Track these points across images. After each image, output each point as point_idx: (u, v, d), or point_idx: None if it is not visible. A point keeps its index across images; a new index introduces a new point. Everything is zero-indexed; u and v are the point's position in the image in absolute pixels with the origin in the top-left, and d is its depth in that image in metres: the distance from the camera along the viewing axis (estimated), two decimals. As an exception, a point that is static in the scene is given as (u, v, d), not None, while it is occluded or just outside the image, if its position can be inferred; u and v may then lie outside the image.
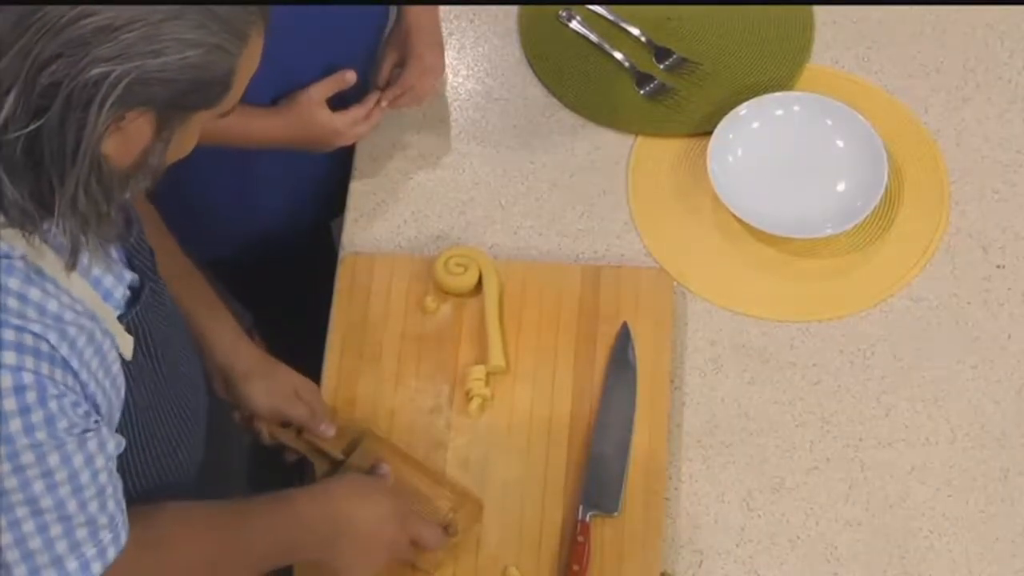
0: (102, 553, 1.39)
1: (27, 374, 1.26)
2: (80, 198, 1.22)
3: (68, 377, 1.31)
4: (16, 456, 1.27)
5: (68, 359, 1.30)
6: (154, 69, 1.19)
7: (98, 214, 1.25)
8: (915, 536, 1.81)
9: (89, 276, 1.37)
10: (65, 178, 1.21)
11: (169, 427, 1.56)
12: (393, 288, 1.97)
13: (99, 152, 1.21)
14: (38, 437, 1.28)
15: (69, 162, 1.20)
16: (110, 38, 1.17)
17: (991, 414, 1.88)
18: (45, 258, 1.30)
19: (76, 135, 1.19)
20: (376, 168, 2.11)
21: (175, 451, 1.58)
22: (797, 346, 1.94)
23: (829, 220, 2.00)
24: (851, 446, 1.87)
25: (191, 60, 1.21)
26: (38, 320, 1.28)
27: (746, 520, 1.82)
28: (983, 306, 1.96)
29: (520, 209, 2.07)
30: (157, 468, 1.56)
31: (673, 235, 2.04)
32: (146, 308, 1.47)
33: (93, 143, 1.20)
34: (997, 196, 2.05)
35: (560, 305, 1.95)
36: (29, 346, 1.27)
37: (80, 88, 1.17)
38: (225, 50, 1.24)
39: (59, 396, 1.29)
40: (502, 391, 1.89)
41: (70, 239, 1.26)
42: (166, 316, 1.53)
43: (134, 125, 1.23)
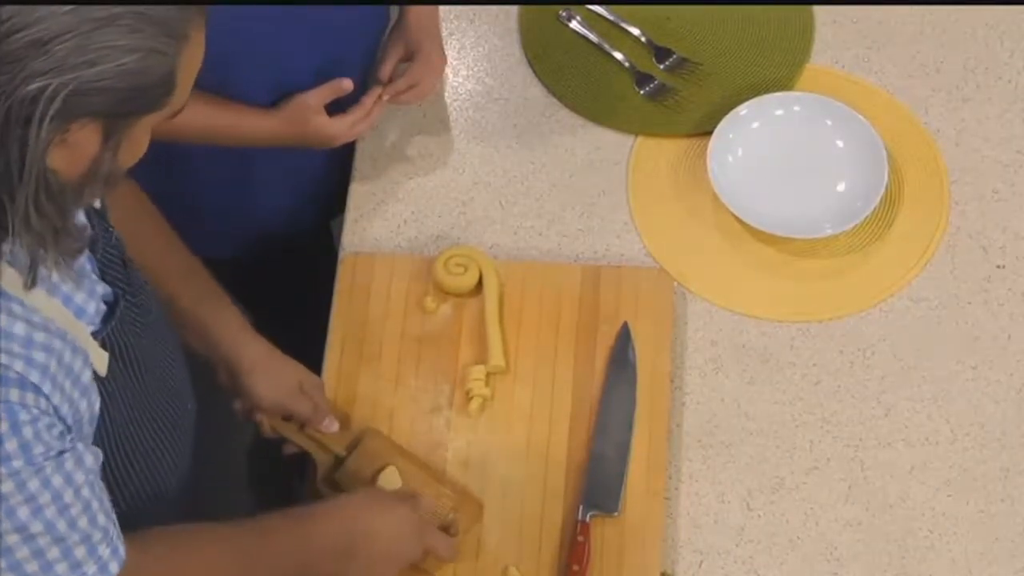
0: (104, 569, 1.37)
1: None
2: (32, 215, 1.20)
3: (40, 400, 1.29)
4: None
5: (39, 384, 1.28)
6: (91, 79, 1.17)
7: (54, 229, 1.23)
8: (915, 536, 1.81)
9: (59, 294, 1.35)
10: (15, 195, 1.19)
11: (152, 438, 1.54)
12: (393, 288, 1.97)
13: (45, 167, 1.19)
14: (15, 465, 1.26)
15: (16, 179, 1.18)
16: (43, 51, 1.14)
17: (991, 414, 1.88)
18: (6, 278, 1.27)
19: (19, 152, 1.17)
20: (376, 168, 2.11)
21: (160, 461, 1.57)
22: (797, 346, 1.94)
23: (829, 220, 2.00)
24: (851, 446, 1.87)
25: (128, 67, 1.19)
26: (4, 349, 1.26)
27: (746, 520, 1.82)
28: (983, 306, 1.96)
29: (520, 209, 2.07)
30: (142, 479, 1.54)
31: (673, 235, 2.04)
32: (122, 322, 1.45)
33: (38, 159, 1.18)
34: (997, 196, 2.05)
35: (560, 305, 1.95)
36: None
37: (18, 105, 1.15)
38: (162, 52, 1.21)
39: (32, 421, 1.27)
40: (502, 391, 1.89)
41: (28, 256, 1.24)
42: (147, 326, 1.52)
43: (79, 136, 1.21)
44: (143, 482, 1.55)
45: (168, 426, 1.57)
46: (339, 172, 2.12)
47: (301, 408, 1.81)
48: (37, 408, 1.28)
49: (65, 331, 1.33)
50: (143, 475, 1.54)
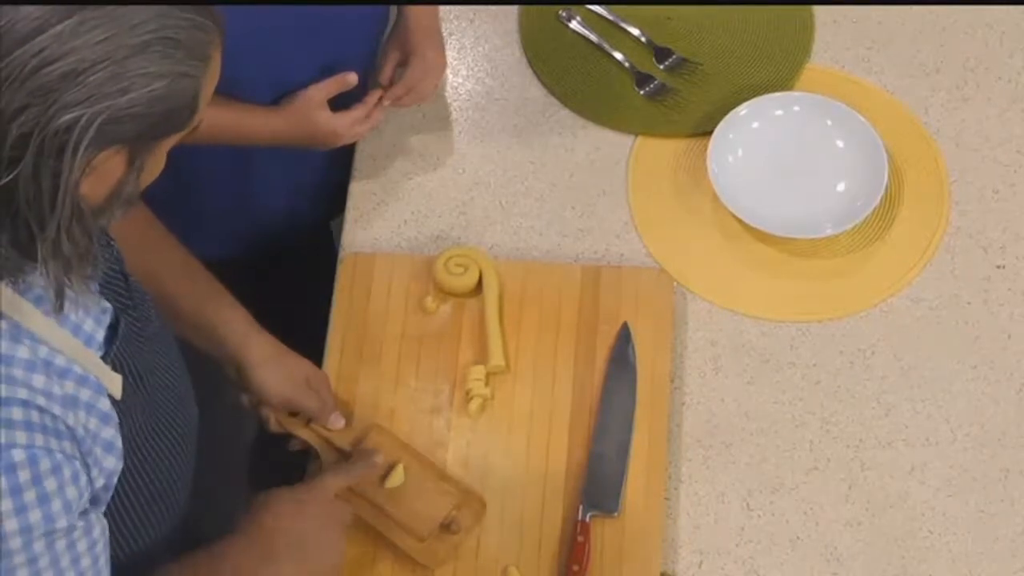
0: None
1: (18, 451, 1.23)
2: (63, 241, 1.20)
3: (65, 444, 1.28)
4: (3, 540, 1.24)
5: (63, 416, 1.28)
6: (124, 107, 1.17)
7: (79, 254, 1.23)
8: (915, 536, 1.81)
9: (67, 324, 1.34)
10: (45, 224, 1.19)
11: (161, 452, 1.53)
12: (393, 288, 1.97)
13: (78, 196, 1.19)
14: (29, 519, 1.25)
15: (47, 209, 1.18)
16: (76, 83, 1.15)
17: (991, 414, 1.89)
18: (19, 310, 1.27)
19: (52, 182, 1.17)
20: (376, 168, 2.11)
21: (169, 470, 1.56)
22: (797, 346, 1.94)
23: (829, 220, 2.00)
24: (851, 446, 1.87)
25: (158, 92, 1.20)
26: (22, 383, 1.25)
27: (746, 520, 1.82)
28: (983, 306, 1.96)
29: (520, 209, 2.07)
30: (152, 489, 1.53)
31: (673, 235, 2.04)
32: (126, 340, 1.44)
33: (71, 188, 1.18)
34: (997, 196, 2.05)
35: (560, 305, 1.95)
36: (19, 420, 1.24)
37: (51, 136, 1.15)
38: (190, 76, 1.23)
39: (55, 470, 1.26)
40: (502, 391, 1.89)
41: (55, 282, 1.23)
42: (148, 339, 1.51)
43: (108, 163, 1.22)
44: (154, 493, 1.54)
45: (175, 434, 1.57)
46: (339, 172, 2.12)
47: (308, 403, 1.81)
48: (62, 453, 1.27)
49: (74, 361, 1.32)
50: (154, 486, 1.54)
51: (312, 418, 1.83)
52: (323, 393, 1.83)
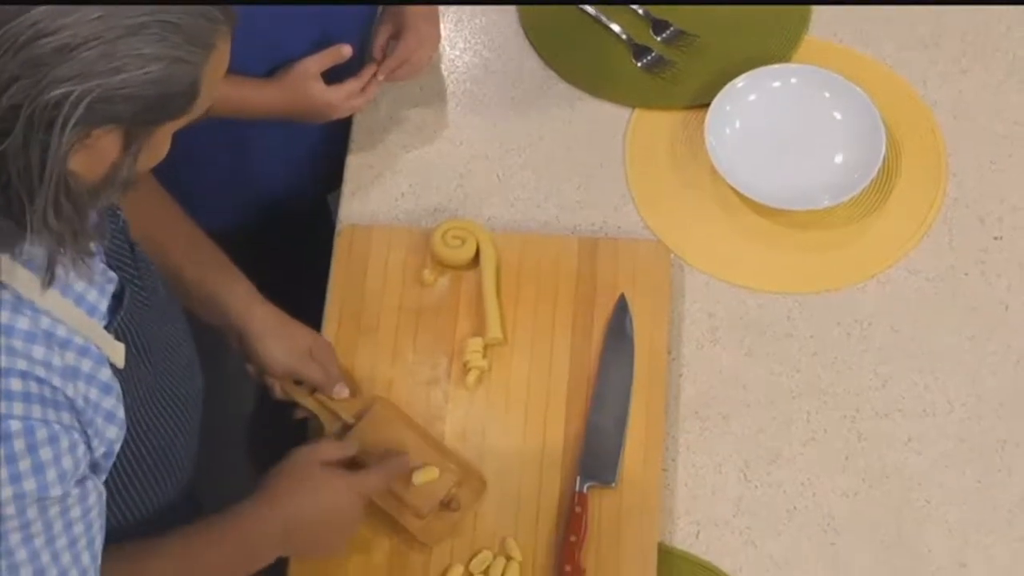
0: None
1: (15, 422, 1.24)
2: (50, 216, 1.20)
3: (63, 415, 1.29)
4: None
5: (62, 387, 1.29)
6: (115, 86, 1.17)
7: (72, 230, 1.23)
8: (912, 506, 1.81)
9: (71, 293, 1.34)
10: (34, 197, 1.19)
11: (165, 421, 1.54)
12: (390, 261, 1.97)
13: (65, 170, 1.19)
14: (23, 488, 1.25)
15: (36, 181, 1.18)
16: (68, 58, 1.14)
17: (988, 385, 1.89)
18: (21, 281, 1.27)
19: (40, 156, 1.17)
20: (373, 141, 2.11)
21: (171, 443, 1.57)
22: (794, 318, 1.94)
23: (827, 192, 2.00)
24: (848, 417, 1.87)
25: (153, 75, 1.19)
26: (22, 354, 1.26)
27: (743, 491, 1.83)
28: (980, 277, 1.96)
29: (517, 181, 2.07)
30: (152, 462, 1.54)
31: (671, 207, 2.04)
32: (130, 310, 1.45)
33: (58, 163, 1.18)
34: (995, 167, 2.05)
35: (557, 277, 1.95)
36: (17, 391, 1.25)
37: (41, 110, 1.15)
38: (187, 62, 1.22)
39: (51, 441, 1.27)
40: (500, 363, 1.89)
41: (46, 255, 1.24)
42: (154, 308, 1.52)
43: (101, 141, 1.21)
44: (158, 461, 1.55)
45: (180, 405, 1.58)
46: (336, 145, 2.12)
47: (312, 373, 1.81)
48: (60, 424, 1.28)
49: (76, 331, 1.33)
50: (155, 459, 1.54)
51: (317, 388, 1.83)
52: (327, 363, 1.83)
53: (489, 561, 1.76)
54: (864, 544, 1.79)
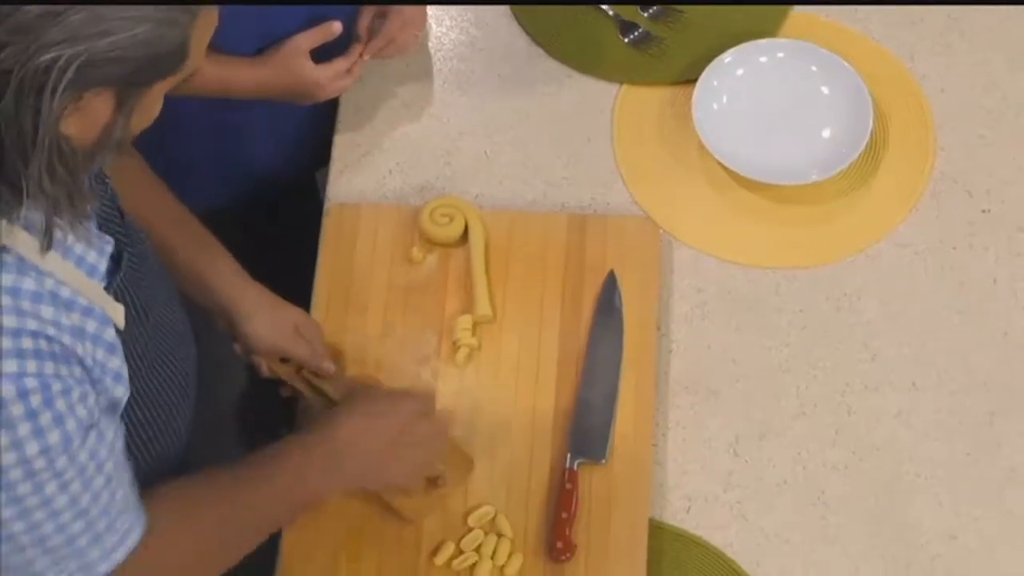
0: (123, 540, 1.40)
1: (30, 379, 1.26)
2: (45, 179, 1.21)
3: (75, 369, 1.31)
4: (28, 462, 1.28)
5: (72, 346, 1.31)
6: (104, 49, 1.17)
7: (68, 193, 1.24)
8: (901, 479, 1.81)
9: (71, 256, 1.35)
10: (28, 161, 1.20)
11: (162, 385, 1.55)
12: (379, 239, 1.97)
13: (58, 134, 1.20)
14: (48, 441, 1.28)
15: (30, 146, 1.19)
16: (55, 23, 1.15)
17: (977, 358, 1.89)
18: (22, 244, 1.28)
19: (33, 120, 1.18)
20: (360, 119, 2.10)
21: (169, 408, 1.58)
22: (783, 292, 1.94)
23: (815, 167, 2.00)
24: (838, 391, 1.87)
25: (141, 37, 1.19)
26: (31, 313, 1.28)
27: (733, 465, 1.83)
28: (969, 251, 1.97)
29: (505, 159, 2.07)
30: (151, 427, 1.55)
31: (659, 183, 2.03)
32: (128, 272, 1.46)
33: (51, 127, 1.18)
34: (982, 141, 2.05)
35: (546, 254, 1.95)
36: (29, 349, 1.27)
37: (31, 75, 1.15)
38: (175, 23, 1.22)
39: (64, 392, 1.29)
40: (489, 340, 1.89)
41: (44, 219, 1.25)
42: (147, 273, 1.53)
43: (92, 104, 1.22)
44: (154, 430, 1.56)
45: (176, 371, 1.59)
46: (323, 123, 2.11)
47: (298, 350, 1.81)
48: (72, 378, 1.30)
49: (79, 292, 1.34)
50: (154, 423, 1.55)
51: (303, 365, 1.83)
52: (313, 341, 1.83)
53: (480, 539, 1.76)
54: (854, 517, 1.79)
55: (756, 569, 1.77)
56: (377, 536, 1.77)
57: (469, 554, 1.75)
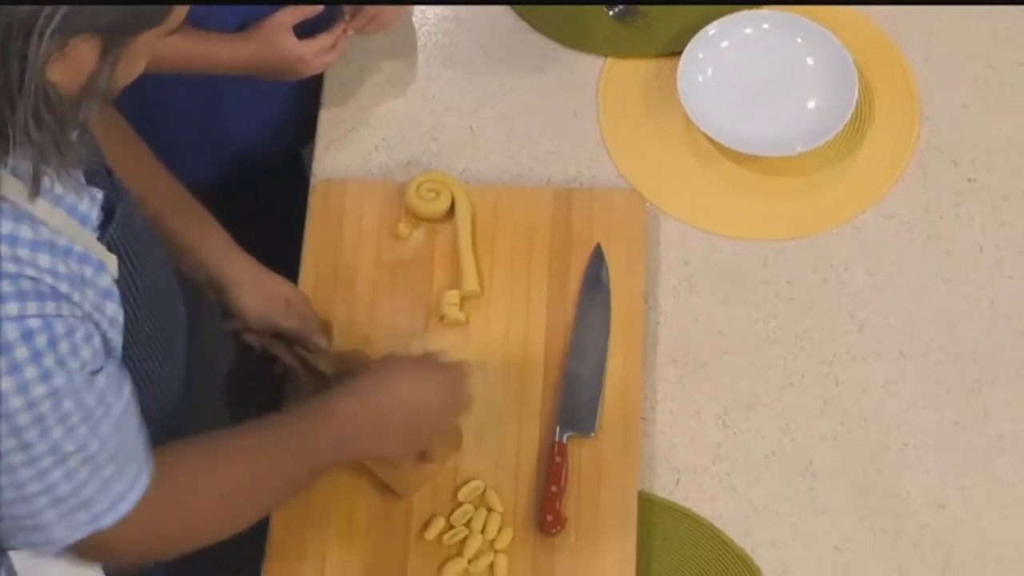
0: (129, 489, 1.41)
1: (33, 320, 1.27)
2: (31, 126, 1.21)
3: (76, 308, 1.32)
4: (34, 406, 1.29)
5: (70, 294, 1.31)
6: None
7: (54, 141, 1.25)
8: (890, 449, 1.82)
9: (63, 204, 1.36)
10: (15, 107, 1.20)
11: (149, 342, 1.55)
12: (365, 215, 1.96)
13: (44, 80, 1.20)
14: (54, 384, 1.29)
15: (16, 91, 1.19)
16: None
17: (964, 327, 1.90)
18: (11, 190, 1.29)
19: (19, 65, 1.18)
20: (345, 95, 2.10)
21: (156, 365, 1.59)
22: (770, 264, 1.95)
23: (800, 138, 2.00)
24: (825, 362, 1.88)
25: None
26: (28, 261, 1.28)
27: (722, 437, 1.83)
28: (955, 220, 1.97)
29: (491, 133, 2.06)
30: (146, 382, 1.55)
31: (645, 156, 2.03)
32: (120, 224, 1.46)
33: (37, 72, 1.19)
34: (968, 110, 2.05)
35: (533, 228, 1.95)
36: (29, 291, 1.27)
37: (17, 20, 1.16)
38: None
39: (68, 333, 1.30)
40: (476, 315, 1.89)
41: (32, 167, 1.25)
42: (137, 230, 1.53)
43: (78, 51, 1.22)
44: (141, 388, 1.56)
45: (163, 329, 1.59)
46: (308, 99, 2.11)
47: (289, 324, 1.81)
48: (74, 317, 1.31)
49: (73, 240, 1.34)
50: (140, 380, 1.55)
51: (294, 340, 1.83)
52: (304, 314, 1.83)
53: (470, 513, 1.76)
54: (843, 487, 1.80)
55: (745, 540, 1.78)
56: (367, 511, 1.77)
57: (459, 528, 1.75)
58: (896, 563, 1.76)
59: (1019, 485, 1.80)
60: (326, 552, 1.75)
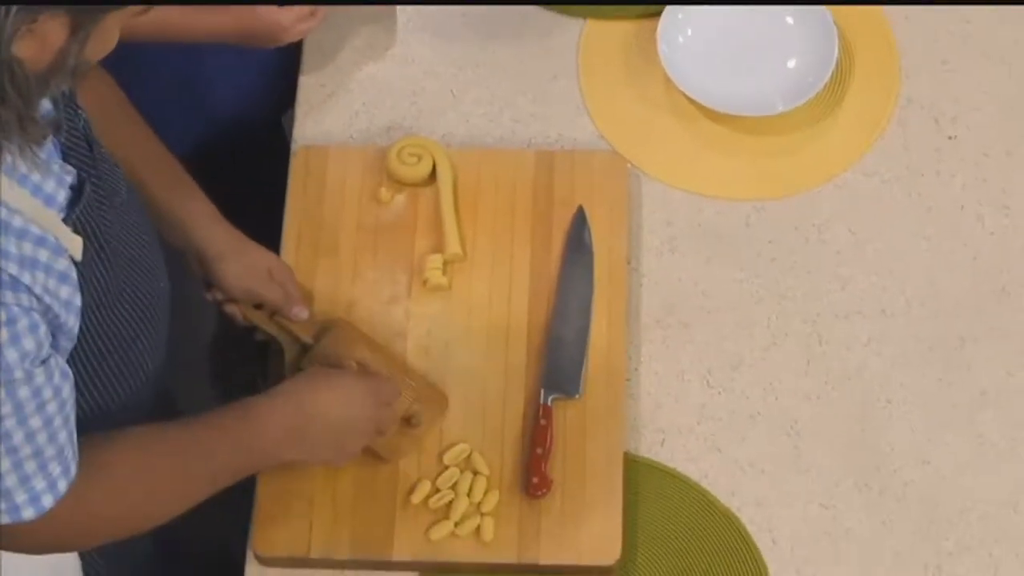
0: (52, 486, 1.38)
1: None
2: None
3: (22, 296, 1.30)
4: None
5: (18, 276, 1.29)
6: None
7: (18, 117, 1.23)
8: (874, 407, 1.83)
9: (28, 184, 1.34)
10: None
11: (126, 319, 1.55)
12: (347, 180, 1.96)
13: (11, 55, 1.18)
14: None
15: None
16: None
17: (946, 284, 1.90)
18: None
19: None
20: (325, 60, 2.09)
21: (134, 342, 1.58)
22: (752, 224, 1.95)
23: (781, 97, 2.00)
24: (808, 321, 1.88)
25: None
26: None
27: (707, 398, 1.84)
28: (936, 177, 1.97)
29: (471, 97, 2.06)
30: (116, 360, 1.55)
31: (626, 117, 2.03)
32: (89, 205, 1.44)
33: (3, 48, 1.17)
34: (947, 67, 2.05)
35: (515, 191, 1.95)
36: None
37: None
38: None
39: (9, 322, 1.28)
40: (460, 279, 1.89)
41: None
42: (114, 208, 1.52)
43: (47, 27, 1.20)
44: (119, 364, 1.55)
45: (141, 306, 1.58)
46: (288, 65, 2.10)
47: (271, 295, 1.80)
48: (18, 306, 1.29)
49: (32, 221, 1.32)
50: (117, 356, 1.55)
51: (275, 310, 1.82)
52: (286, 285, 1.82)
53: (456, 477, 1.76)
54: (827, 446, 1.81)
55: (731, 499, 1.78)
56: (353, 477, 1.77)
57: (445, 492, 1.76)
58: (881, 519, 1.77)
59: (1002, 441, 1.81)
60: (313, 519, 1.75)
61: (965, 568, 1.75)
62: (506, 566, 1.74)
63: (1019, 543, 1.76)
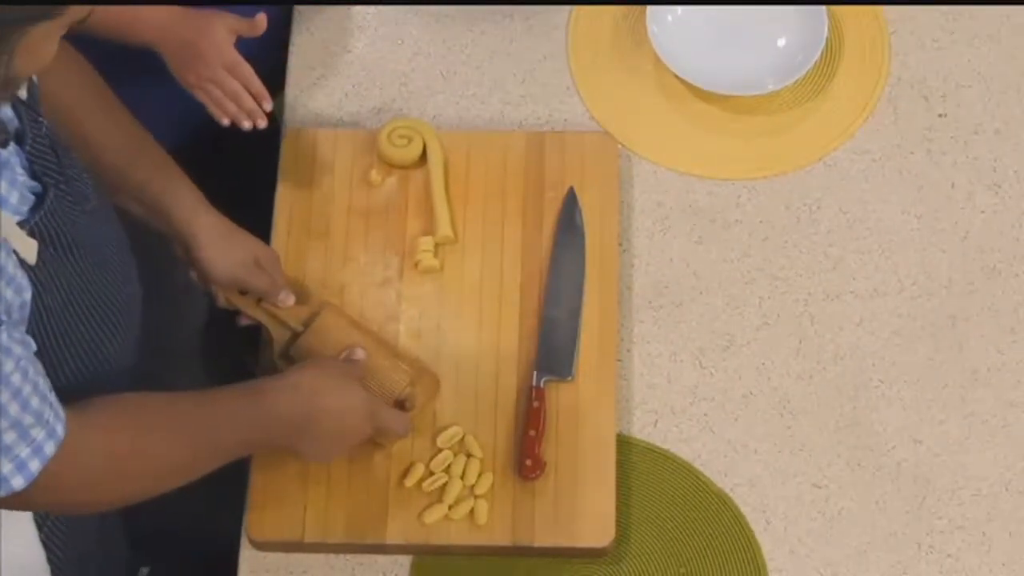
0: (38, 450, 1.38)
1: None
2: None
3: None
4: None
5: None
6: None
7: None
8: (866, 386, 1.83)
9: None
10: None
11: (91, 323, 1.54)
12: (337, 163, 1.96)
13: None
14: None
15: None
16: None
17: (937, 262, 1.90)
18: None
19: None
20: (314, 43, 2.08)
21: (101, 345, 1.57)
22: (743, 204, 1.95)
23: (770, 76, 1.99)
24: (800, 300, 1.88)
25: None
26: None
27: (699, 378, 1.84)
28: (926, 156, 1.97)
29: (461, 78, 2.05)
30: (80, 363, 1.54)
31: (616, 98, 2.03)
32: (54, 211, 1.44)
33: None
34: (937, 45, 2.05)
35: (505, 173, 1.94)
36: None
37: None
38: None
39: None
40: (451, 261, 1.89)
41: None
42: (84, 214, 1.51)
43: None
44: (83, 366, 1.54)
45: (109, 311, 1.57)
46: (277, 48, 2.09)
47: (257, 282, 1.79)
48: None
49: None
50: (82, 359, 1.54)
51: (262, 297, 1.82)
52: (272, 271, 1.81)
53: (450, 460, 1.77)
54: (820, 426, 1.81)
55: (724, 480, 1.79)
56: (347, 460, 1.77)
57: (439, 475, 1.76)
58: (874, 499, 1.78)
59: (994, 419, 1.82)
60: (307, 503, 1.76)
61: (957, 546, 1.75)
62: (500, 548, 1.75)
63: (1011, 521, 1.77)
